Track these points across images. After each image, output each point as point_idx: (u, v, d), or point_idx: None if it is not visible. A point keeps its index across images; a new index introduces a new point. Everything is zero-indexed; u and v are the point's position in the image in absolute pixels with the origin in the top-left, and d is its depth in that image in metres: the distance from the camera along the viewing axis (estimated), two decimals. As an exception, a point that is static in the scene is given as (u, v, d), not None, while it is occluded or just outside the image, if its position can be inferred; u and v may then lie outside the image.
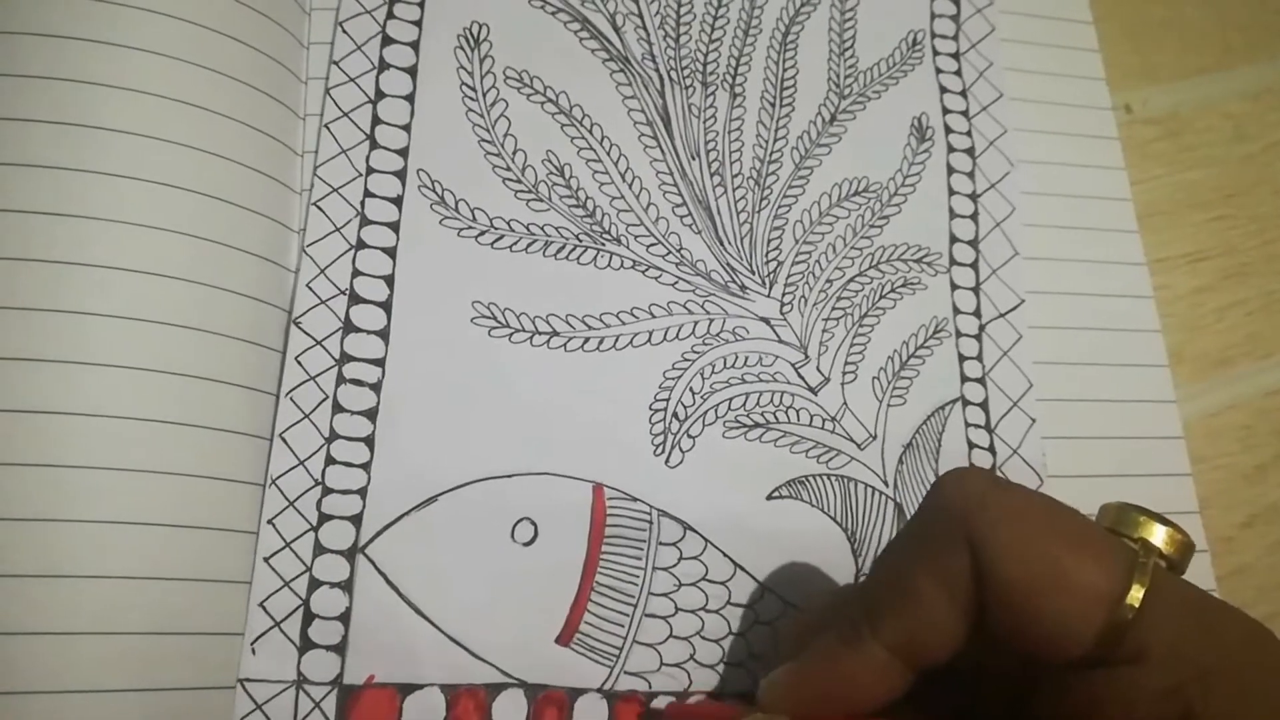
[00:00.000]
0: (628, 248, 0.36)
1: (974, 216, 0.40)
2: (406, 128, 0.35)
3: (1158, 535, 0.23)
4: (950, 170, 0.41)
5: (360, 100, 0.35)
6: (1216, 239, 0.43)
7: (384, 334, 0.33)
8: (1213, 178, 0.44)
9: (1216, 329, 0.41)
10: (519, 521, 0.32)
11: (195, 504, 0.29)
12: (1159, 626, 0.20)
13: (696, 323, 0.36)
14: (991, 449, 0.37)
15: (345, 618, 0.30)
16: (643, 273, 0.36)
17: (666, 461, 0.34)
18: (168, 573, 0.28)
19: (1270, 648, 0.21)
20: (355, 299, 0.33)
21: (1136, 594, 0.20)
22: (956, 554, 0.22)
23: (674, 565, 0.33)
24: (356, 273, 0.33)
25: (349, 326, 0.32)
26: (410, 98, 0.36)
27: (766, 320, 0.37)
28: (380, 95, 0.35)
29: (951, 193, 0.40)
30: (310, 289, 0.32)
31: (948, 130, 0.41)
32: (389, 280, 0.33)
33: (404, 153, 0.35)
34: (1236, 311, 0.42)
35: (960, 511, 0.22)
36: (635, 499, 0.33)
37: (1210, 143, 0.45)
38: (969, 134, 0.41)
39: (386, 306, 0.33)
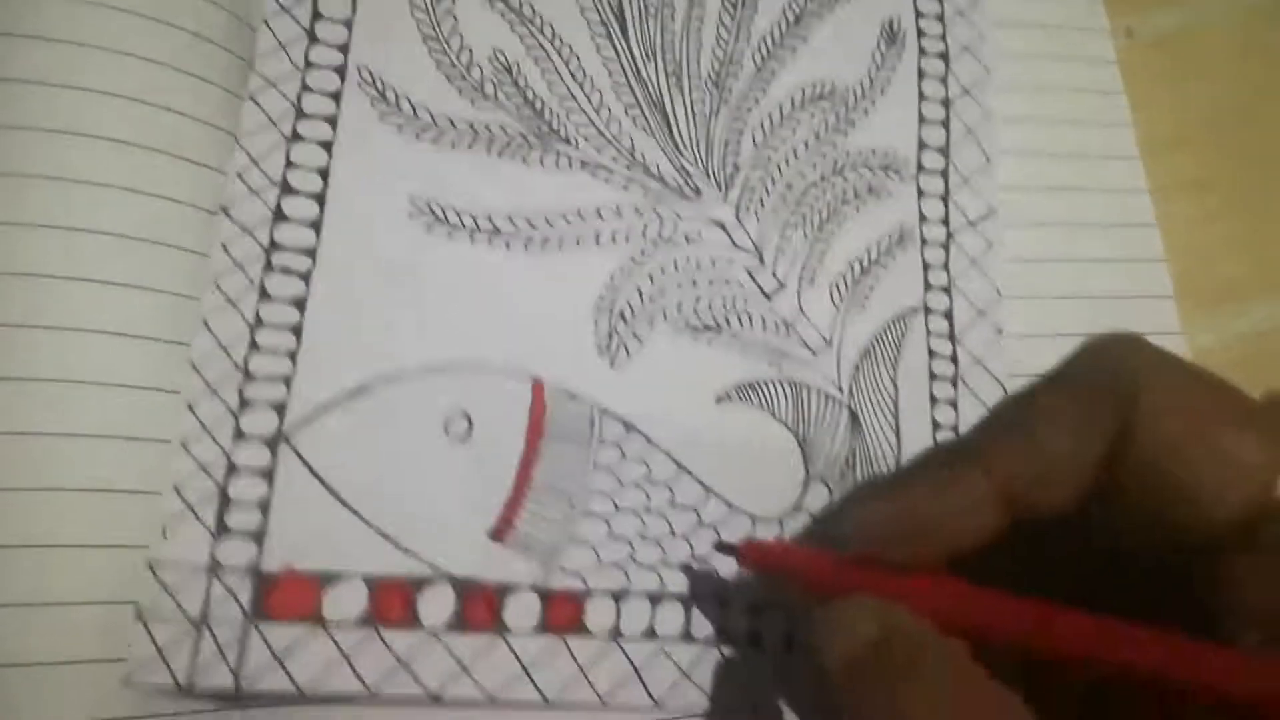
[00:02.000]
0: (577, 148, 0.35)
1: (945, 123, 0.39)
2: (347, 23, 0.35)
3: None
4: (922, 75, 0.39)
5: (301, -6, 0.34)
6: (1223, 164, 0.41)
7: (315, 225, 0.32)
8: (1217, 102, 0.42)
9: (1225, 258, 0.39)
10: (453, 415, 0.31)
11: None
12: None
13: (647, 225, 0.35)
14: (954, 359, 0.36)
15: (264, 506, 0.29)
16: (592, 174, 0.35)
17: (611, 361, 0.33)
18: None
19: None
20: (287, 189, 0.32)
21: None
22: (1106, 406, 0.20)
23: (615, 465, 0.32)
24: (290, 165, 0.32)
25: (279, 216, 0.32)
26: (353, -8, 0.35)
27: (721, 224, 0.35)
28: (322, -10, 0.35)
29: (922, 98, 0.39)
30: (241, 179, 0.32)
31: (920, 34, 0.40)
32: (323, 173, 0.33)
33: (344, 48, 0.34)
34: (1245, 240, 0.40)
35: (1125, 367, 0.21)
36: (576, 397, 0.32)
37: (1214, 65, 0.42)
38: (943, 38, 0.40)
39: (320, 199, 0.32)
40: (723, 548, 0.29)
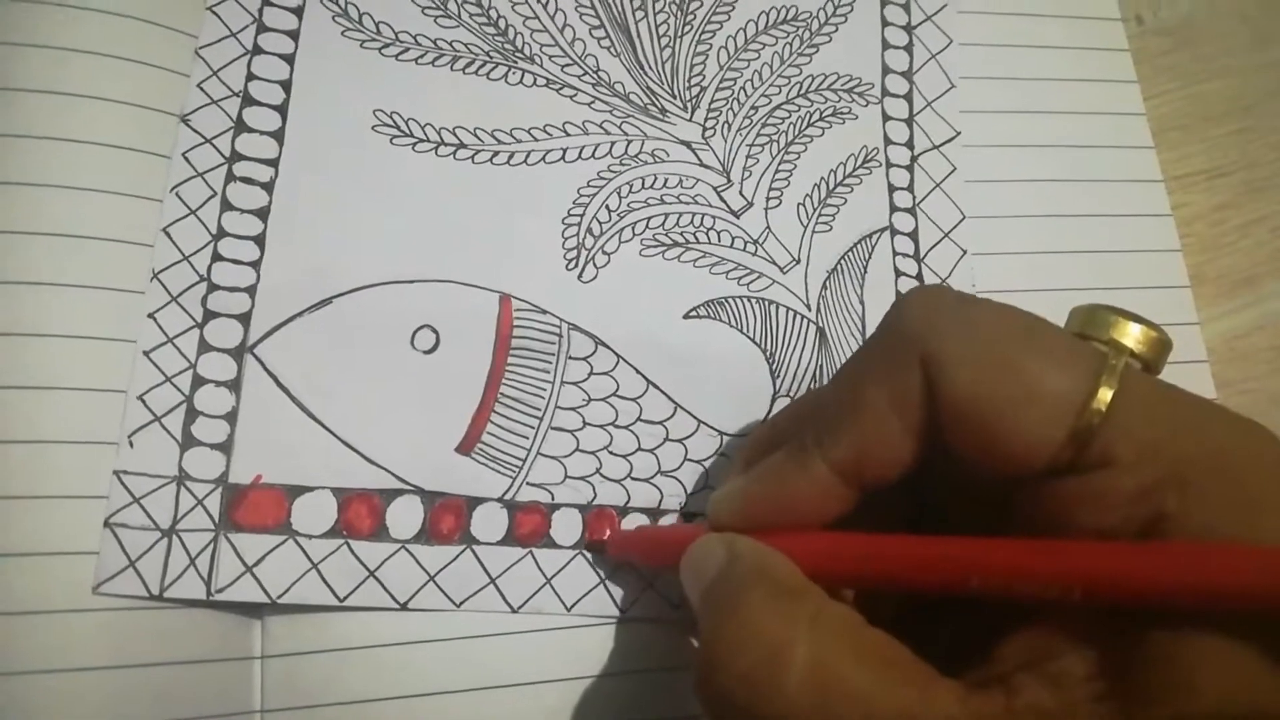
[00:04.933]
0: (542, 66, 0.35)
1: (908, 48, 0.39)
2: (309, -63, 0.34)
3: (1130, 335, 0.21)
4: (884, 1, 0.39)
5: (260, -92, 0.34)
6: (1237, 153, 0.40)
7: (278, 135, 0.32)
8: (1230, 88, 0.41)
9: (1240, 246, 0.39)
10: (419, 329, 0.31)
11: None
12: (1130, 428, 0.19)
13: (614, 143, 0.35)
14: (919, 278, 0.36)
15: (231, 417, 0.29)
16: (557, 91, 0.35)
17: (580, 276, 0.33)
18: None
19: (1258, 444, 0.19)
20: (249, 100, 0.32)
21: (1104, 396, 0.19)
22: (908, 371, 0.20)
23: (584, 380, 0.32)
24: (251, 76, 0.32)
25: (241, 126, 0.31)
26: (313, -93, 0.34)
27: (688, 144, 0.35)
28: (282, -97, 0.34)
29: (885, 24, 0.39)
30: (201, 89, 0.31)
31: (882, -40, 0.40)
32: (285, 85, 0.32)
33: (305, -38, 0.34)
34: (1261, 228, 0.39)
35: (916, 327, 0.21)
36: (545, 311, 0.32)
37: (1227, 51, 0.41)
38: (904, -35, 0.40)
39: (282, 110, 0.32)
40: (592, 547, 0.30)
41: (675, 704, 0.30)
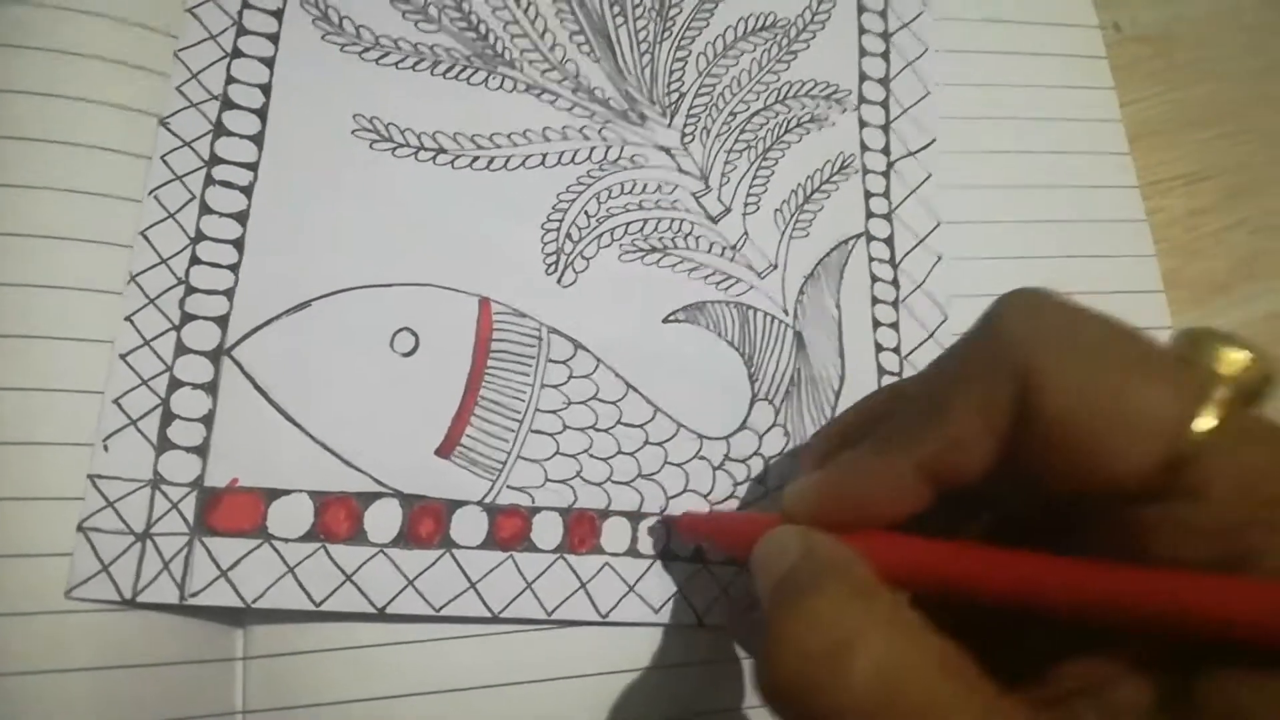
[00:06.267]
0: (521, 71, 0.35)
1: (885, 55, 0.39)
2: (289, -59, 0.34)
3: (1234, 363, 0.20)
4: (861, 9, 0.40)
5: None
6: (1214, 158, 0.41)
7: (257, 139, 0.31)
8: (1208, 94, 0.42)
9: (1215, 251, 0.39)
10: (399, 331, 0.31)
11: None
12: (1226, 461, 0.18)
13: (593, 148, 0.35)
14: (895, 283, 0.36)
15: (208, 420, 0.29)
16: (537, 96, 0.35)
17: (559, 280, 0.33)
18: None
19: None
20: (228, 104, 0.32)
21: (1202, 424, 0.18)
22: (1004, 380, 0.20)
23: (563, 383, 0.32)
24: (230, 79, 0.32)
25: (220, 130, 0.31)
26: (292, -90, 0.34)
27: (667, 150, 0.35)
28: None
29: (862, 31, 0.39)
30: (180, 92, 0.31)
31: (859, -31, 0.40)
32: (265, 88, 0.32)
33: (286, -34, 0.34)
34: (1236, 233, 0.40)
35: (1016, 334, 0.20)
36: (524, 315, 0.32)
37: (1205, 58, 0.42)
38: (881, -27, 0.40)
39: (261, 114, 0.32)
40: (666, 521, 0.31)
41: (655, 706, 0.30)
